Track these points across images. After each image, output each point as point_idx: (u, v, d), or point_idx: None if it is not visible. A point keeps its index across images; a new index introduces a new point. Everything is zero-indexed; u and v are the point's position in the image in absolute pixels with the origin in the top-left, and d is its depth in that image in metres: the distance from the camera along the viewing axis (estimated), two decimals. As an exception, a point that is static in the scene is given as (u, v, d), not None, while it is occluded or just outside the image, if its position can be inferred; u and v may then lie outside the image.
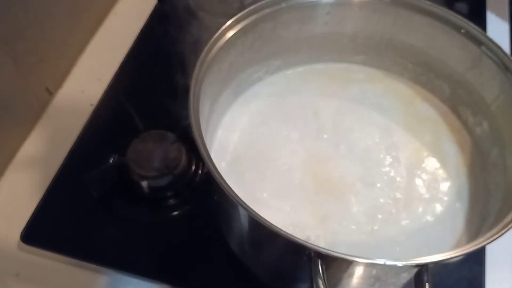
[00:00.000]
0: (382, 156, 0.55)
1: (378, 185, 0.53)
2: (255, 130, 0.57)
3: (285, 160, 0.54)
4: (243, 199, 0.39)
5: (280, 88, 0.60)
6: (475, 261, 0.57)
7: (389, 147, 0.55)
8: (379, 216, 0.51)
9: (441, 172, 0.54)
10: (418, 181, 0.53)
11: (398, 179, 0.53)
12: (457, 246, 0.48)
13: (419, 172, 0.54)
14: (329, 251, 0.36)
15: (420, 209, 0.51)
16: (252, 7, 0.51)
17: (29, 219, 0.59)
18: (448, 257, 0.38)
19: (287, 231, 0.37)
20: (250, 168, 0.53)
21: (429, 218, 0.50)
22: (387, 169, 0.54)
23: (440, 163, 0.54)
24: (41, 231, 0.59)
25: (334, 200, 0.51)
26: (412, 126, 0.57)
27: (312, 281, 0.37)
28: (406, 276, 0.40)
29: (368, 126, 0.57)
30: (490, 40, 0.50)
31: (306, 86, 0.60)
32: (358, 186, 0.53)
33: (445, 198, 0.52)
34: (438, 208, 0.51)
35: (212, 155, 0.42)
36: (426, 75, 0.59)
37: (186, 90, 0.45)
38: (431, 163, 0.54)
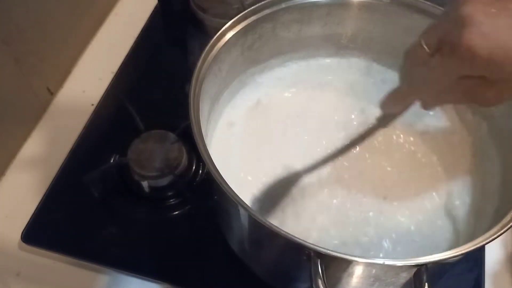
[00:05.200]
0: (380, 154, 0.55)
1: (376, 182, 0.53)
2: (255, 130, 0.57)
3: (287, 161, 0.54)
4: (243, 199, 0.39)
5: (280, 88, 0.60)
6: (474, 261, 0.57)
7: (388, 146, 0.56)
8: (377, 214, 0.51)
9: (440, 172, 0.54)
10: (417, 181, 0.53)
11: (396, 177, 0.53)
12: (456, 245, 0.48)
13: (418, 172, 0.54)
14: (328, 251, 0.36)
15: (419, 209, 0.51)
16: (252, 7, 0.51)
17: (30, 219, 0.59)
18: (447, 256, 0.38)
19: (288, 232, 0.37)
20: (251, 168, 0.54)
21: (428, 217, 0.51)
22: (385, 166, 0.54)
23: (439, 163, 0.54)
24: (42, 231, 0.59)
25: (334, 204, 0.51)
26: (412, 126, 0.57)
27: (311, 281, 0.37)
28: (406, 276, 0.40)
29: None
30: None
31: (307, 87, 0.60)
32: (359, 185, 0.53)
33: (444, 198, 0.52)
34: (437, 207, 0.51)
35: (212, 155, 0.42)
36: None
37: (186, 90, 0.45)
38: (430, 163, 0.54)
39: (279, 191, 0.52)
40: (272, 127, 0.57)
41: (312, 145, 0.55)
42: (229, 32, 0.50)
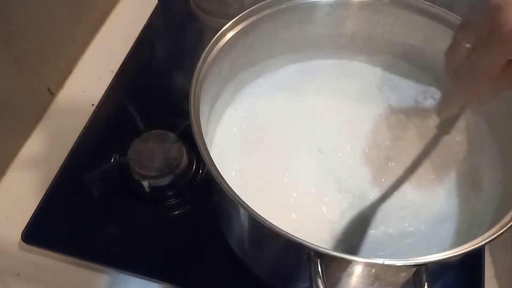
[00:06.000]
0: (381, 154, 0.55)
1: (376, 184, 0.53)
2: (255, 130, 0.57)
3: (286, 161, 0.54)
4: (242, 197, 0.39)
5: (280, 88, 0.60)
6: (474, 261, 0.57)
7: (388, 147, 0.56)
8: (377, 215, 0.51)
9: (440, 172, 0.54)
10: (417, 181, 0.53)
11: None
12: (456, 245, 0.48)
13: (417, 172, 0.54)
14: (328, 251, 0.36)
15: (419, 209, 0.51)
16: (252, 8, 0.51)
17: (30, 219, 0.59)
18: (447, 256, 0.38)
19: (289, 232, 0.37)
20: (251, 168, 0.54)
21: (428, 218, 0.51)
22: (385, 167, 0.54)
23: (439, 163, 0.54)
24: (42, 231, 0.59)
25: (335, 204, 0.51)
26: (411, 126, 0.57)
27: (311, 281, 0.37)
28: (405, 276, 0.40)
29: (367, 126, 0.57)
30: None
31: (306, 87, 0.60)
32: (361, 186, 0.53)
33: (444, 198, 0.52)
34: (437, 207, 0.51)
35: (212, 155, 0.42)
36: (426, 75, 0.59)
37: (186, 90, 0.45)
38: (430, 163, 0.54)
39: None
40: (272, 127, 0.57)
41: (313, 146, 0.55)
42: (229, 32, 0.50)
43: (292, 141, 0.55)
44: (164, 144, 0.61)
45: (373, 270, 0.40)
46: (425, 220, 0.50)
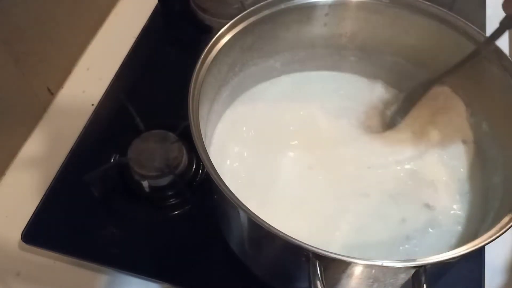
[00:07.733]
0: (381, 154, 0.55)
1: (376, 184, 0.53)
2: (254, 131, 0.57)
3: (285, 162, 0.54)
4: (241, 199, 0.39)
5: (279, 89, 0.60)
6: (474, 262, 0.57)
7: (388, 147, 0.56)
8: (377, 216, 0.51)
9: (440, 172, 0.54)
10: (417, 181, 0.53)
11: (396, 178, 0.53)
12: (455, 246, 0.48)
13: (418, 172, 0.54)
14: (326, 252, 0.36)
15: (418, 209, 0.51)
16: (251, 8, 0.51)
17: (30, 219, 0.59)
18: (446, 258, 0.38)
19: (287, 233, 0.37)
20: (249, 168, 0.54)
21: (427, 218, 0.51)
22: (386, 168, 0.54)
23: (439, 163, 0.54)
24: (42, 231, 0.59)
25: (334, 206, 0.51)
26: (411, 126, 0.57)
27: (310, 282, 0.37)
28: (404, 277, 0.40)
29: (367, 127, 0.57)
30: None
31: (306, 87, 0.60)
32: (360, 190, 0.53)
33: (444, 198, 0.52)
34: (437, 208, 0.51)
35: (211, 156, 0.42)
36: (425, 75, 0.59)
37: (186, 90, 0.45)
38: (430, 163, 0.54)
39: None
40: (271, 129, 0.57)
41: (311, 146, 0.55)
42: (228, 33, 0.50)
43: (292, 143, 0.55)
44: (164, 144, 0.61)
45: (372, 272, 0.40)
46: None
